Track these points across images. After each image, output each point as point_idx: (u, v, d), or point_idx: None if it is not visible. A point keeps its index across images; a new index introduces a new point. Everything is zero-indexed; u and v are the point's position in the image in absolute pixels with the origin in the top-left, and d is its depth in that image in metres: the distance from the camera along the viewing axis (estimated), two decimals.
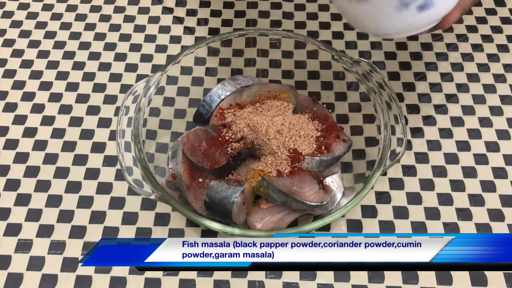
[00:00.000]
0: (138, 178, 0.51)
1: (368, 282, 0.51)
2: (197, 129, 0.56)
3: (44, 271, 0.52)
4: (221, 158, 0.54)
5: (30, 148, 0.61)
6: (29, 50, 0.70)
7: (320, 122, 0.58)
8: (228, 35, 0.61)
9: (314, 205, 0.51)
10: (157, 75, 0.57)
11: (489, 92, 0.66)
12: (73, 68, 0.68)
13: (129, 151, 0.52)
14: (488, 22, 0.74)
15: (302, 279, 0.52)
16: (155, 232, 0.55)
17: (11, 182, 0.58)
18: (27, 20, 0.74)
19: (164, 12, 0.75)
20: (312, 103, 0.62)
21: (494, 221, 0.56)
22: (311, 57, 0.63)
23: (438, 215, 0.56)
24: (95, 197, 0.57)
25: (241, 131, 0.55)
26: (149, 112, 0.57)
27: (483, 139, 0.62)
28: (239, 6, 0.76)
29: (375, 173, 0.50)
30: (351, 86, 0.61)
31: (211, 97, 0.59)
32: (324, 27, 0.73)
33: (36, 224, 0.55)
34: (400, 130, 0.53)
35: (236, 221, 0.51)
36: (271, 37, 0.64)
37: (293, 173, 0.53)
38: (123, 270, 0.52)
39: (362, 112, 0.59)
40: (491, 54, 0.70)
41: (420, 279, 0.52)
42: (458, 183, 0.58)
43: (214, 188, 0.51)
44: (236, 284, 0.51)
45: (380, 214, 0.56)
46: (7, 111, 0.64)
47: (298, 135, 0.55)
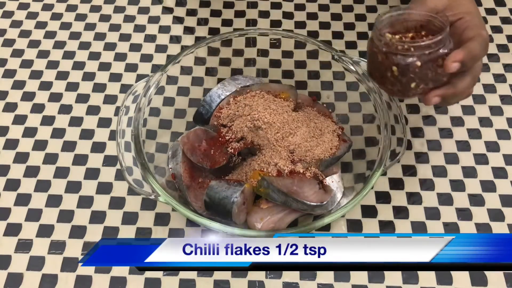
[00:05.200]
0: (138, 178, 0.51)
1: (368, 282, 0.51)
2: (197, 129, 0.56)
3: (44, 271, 0.52)
4: (221, 158, 0.54)
5: (30, 148, 0.61)
6: (29, 50, 0.70)
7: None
8: (228, 35, 0.61)
9: (314, 205, 0.51)
10: (157, 75, 0.57)
11: (489, 92, 0.66)
12: (73, 68, 0.68)
13: (129, 151, 0.52)
14: (488, 22, 0.74)
15: (302, 279, 0.52)
16: (155, 232, 0.55)
17: (11, 182, 0.58)
18: (27, 20, 0.74)
19: (164, 12, 0.75)
20: (312, 103, 0.62)
21: (494, 221, 0.56)
22: (311, 57, 0.63)
23: (438, 215, 0.56)
24: (95, 197, 0.57)
25: (241, 131, 0.55)
26: (149, 112, 0.57)
27: (483, 139, 0.62)
28: (239, 6, 0.76)
29: (375, 173, 0.50)
30: (351, 86, 0.61)
31: (211, 97, 0.59)
32: (324, 27, 0.73)
33: (36, 224, 0.55)
34: (400, 130, 0.53)
35: (236, 221, 0.51)
36: (271, 37, 0.64)
37: (293, 173, 0.53)
38: (123, 270, 0.52)
39: (362, 112, 0.59)
40: (491, 54, 0.70)
41: (420, 279, 0.52)
42: (458, 183, 0.58)
43: (214, 188, 0.51)
44: (236, 284, 0.51)
45: (380, 214, 0.56)
46: (7, 111, 0.64)
47: (298, 135, 0.55)
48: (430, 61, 0.46)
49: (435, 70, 0.47)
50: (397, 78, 0.47)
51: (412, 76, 0.47)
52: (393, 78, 0.47)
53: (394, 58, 0.46)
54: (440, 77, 0.47)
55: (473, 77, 0.48)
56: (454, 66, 0.45)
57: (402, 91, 0.48)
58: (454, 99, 0.50)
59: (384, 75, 0.48)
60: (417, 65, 0.46)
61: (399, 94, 0.49)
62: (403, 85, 0.47)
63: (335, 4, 0.76)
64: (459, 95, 0.50)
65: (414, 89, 0.48)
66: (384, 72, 0.48)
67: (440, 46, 0.46)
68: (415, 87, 0.47)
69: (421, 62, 0.46)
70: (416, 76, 0.47)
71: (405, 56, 0.46)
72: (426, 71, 0.46)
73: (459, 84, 0.48)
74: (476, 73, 0.49)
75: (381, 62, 0.47)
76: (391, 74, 0.47)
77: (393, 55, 0.46)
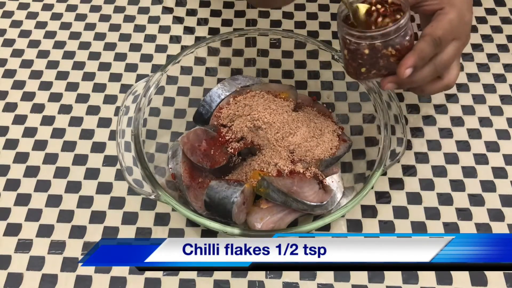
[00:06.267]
0: (138, 178, 0.51)
1: (368, 282, 0.51)
2: (197, 129, 0.56)
3: (44, 271, 0.52)
4: (221, 158, 0.54)
5: (30, 148, 0.61)
6: (29, 50, 0.70)
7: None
8: (228, 35, 0.61)
9: (314, 205, 0.51)
10: (157, 75, 0.57)
11: (489, 92, 0.66)
12: (73, 68, 0.68)
13: (129, 151, 0.52)
14: (488, 22, 0.74)
15: (302, 279, 0.52)
16: (155, 232, 0.55)
17: (11, 182, 0.58)
18: (27, 20, 0.74)
19: (164, 12, 0.75)
20: (312, 103, 0.62)
21: (494, 221, 0.56)
22: (311, 57, 0.63)
23: (438, 215, 0.56)
24: (95, 197, 0.57)
25: (241, 131, 0.55)
26: (149, 112, 0.57)
27: (483, 139, 0.62)
28: (239, 6, 0.76)
29: (375, 173, 0.50)
30: (351, 86, 0.61)
31: (211, 97, 0.59)
32: (324, 27, 0.73)
33: (36, 224, 0.55)
34: (400, 130, 0.53)
35: (236, 221, 0.51)
36: (271, 37, 0.64)
37: (293, 173, 0.53)
38: (123, 270, 0.52)
39: (362, 112, 0.59)
40: (491, 54, 0.70)
41: (420, 279, 0.52)
42: (458, 183, 0.58)
43: (214, 188, 0.51)
44: (236, 284, 0.51)
45: (380, 214, 0.56)
46: (7, 111, 0.64)
47: (298, 135, 0.55)
48: (380, 50, 0.46)
49: (387, 58, 0.47)
50: (349, 61, 0.48)
51: (361, 62, 0.47)
52: (346, 60, 0.49)
53: (346, 42, 0.47)
54: (394, 65, 0.47)
55: (434, 66, 0.49)
56: (407, 72, 0.46)
57: (354, 73, 0.49)
58: (425, 88, 0.51)
59: (342, 56, 0.50)
60: (364, 53, 0.46)
61: (354, 76, 0.50)
62: (354, 69, 0.49)
63: (335, 4, 0.76)
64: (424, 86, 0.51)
65: (365, 73, 0.49)
66: (341, 53, 0.50)
67: (391, 37, 0.46)
68: (366, 72, 0.49)
69: (369, 50, 0.46)
70: (365, 62, 0.47)
71: (356, 43, 0.46)
72: (376, 59, 0.47)
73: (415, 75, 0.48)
74: (439, 63, 0.49)
75: (340, 43, 0.49)
76: (345, 57, 0.49)
77: (346, 39, 0.47)
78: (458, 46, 0.50)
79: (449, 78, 0.52)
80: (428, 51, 0.47)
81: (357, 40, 0.46)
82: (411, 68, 0.47)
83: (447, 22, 0.48)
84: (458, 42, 0.50)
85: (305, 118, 0.57)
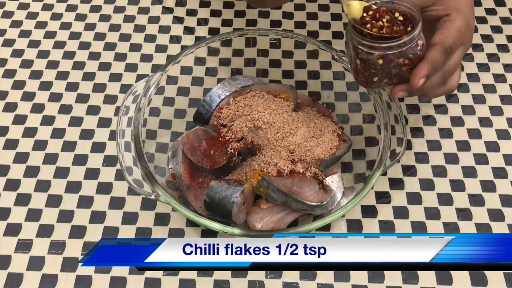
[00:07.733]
0: (138, 178, 0.51)
1: (368, 282, 0.51)
2: (197, 129, 0.56)
3: (44, 271, 0.52)
4: (221, 158, 0.54)
5: (30, 148, 0.61)
6: (29, 50, 0.70)
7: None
8: (228, 35, 0.61)
9: (314, 205, 0.51)
10: (157, 75, 0.57)
11: (489, 92, 0.66)
12: (73, 68, 0.68)
13: (129, 151, 0.52)
14: (488, 22, 0.74)
15: (302, 279, 0.52)
16: (155, 232, 0.55)
17: (11, 182, 0.58)
18: (27, 20, 0.74)
19: (164, 12, 0.75)
20: (312, 103, 0.62)
21: (494, 221, 0.56)
22: (311, 57, 0.63)
23: (438, 215, 0.56)
24: (95, 197, 0.57)
25: (241, 131, 0.55)
26: (149, 112, 0.57)
27: (483, 139, 0.62)
28: (239, 6, 0.76)
29: (375, 173, 0.50)
30: (351, 86, 0.61)
31: (211, 97, 0.59)
32: (324, 27, 0.73)
33: (36, 224, 0.55)
34: (400, 130, 0.53)
35: (236, 221, 0.51)
36: (271, 37, 0.64)
37: (293, 173, 0.53)
38: (123, 270, 0.52)
39: (362, 112, 0.59)
40: (491, 54, 0.70)
41: (420, 279, 0.52)
42: (458, 183, 0.58)
43: (214, 188, 0.51)
44: (236, 284, 0.51)
45: (380, 214, 0.56)
46: (7, 111, 0.64)
47: (298, 135, 0.55)
48: (393, 60, 0.46)
49: (399, 68, 0.47)
50: (360, 70, 0.48)
51: (373, 72, 0.47)
52: (358, 70, 0.48)
53: (358, 52, 0.47)
54: (405, 74, 0.47)
55: (443, 73, 0.49)
56: (421, 82, 0.46)
57: (365, 82, 0.49)
58: (430, 93, 0.51)
59: (352, 64, 0.49)
60: (378, 63, 0.46)
61: (363, 84, 0.50)
62: (366, 78, 0.48)
63: (335, 4, 0.76)
64: (431, 91, 0.50)
65: (377, 83, 0.48)
66: (351, 62, 0.49)
67: (405, 47, 0.46)
68: (378, 81, 0.48)
69: (383, 61, 0.46)
70: (378, 72, 0.47)
71: (368, 53, 0.46)
72: (389, 68, 0.47)
73: (426, 83, 0.48)
74: (447, 70, 0.49)
75: (350, 52, 0.48)
76: (356, 66, 0.48)
77: (358, 48, 0.47)
78: (463, 52, 0.50)
79: (451, 83, 0.51)
80: (440, 60, 0.47)
81: (370, 50, 0.46)
82: (425, 78, 0.46)
83: (456, 30, 0.48)
84: (463, 47, 0.50)
85: (305, 118, 0.57)
